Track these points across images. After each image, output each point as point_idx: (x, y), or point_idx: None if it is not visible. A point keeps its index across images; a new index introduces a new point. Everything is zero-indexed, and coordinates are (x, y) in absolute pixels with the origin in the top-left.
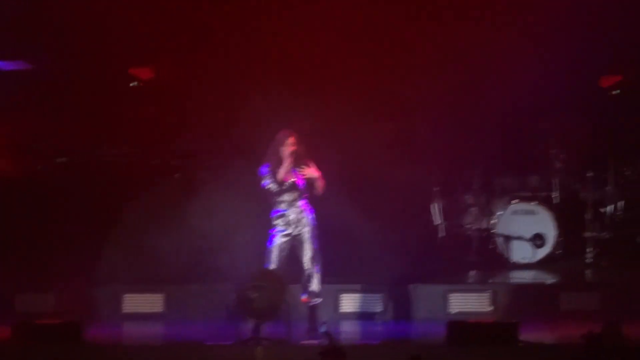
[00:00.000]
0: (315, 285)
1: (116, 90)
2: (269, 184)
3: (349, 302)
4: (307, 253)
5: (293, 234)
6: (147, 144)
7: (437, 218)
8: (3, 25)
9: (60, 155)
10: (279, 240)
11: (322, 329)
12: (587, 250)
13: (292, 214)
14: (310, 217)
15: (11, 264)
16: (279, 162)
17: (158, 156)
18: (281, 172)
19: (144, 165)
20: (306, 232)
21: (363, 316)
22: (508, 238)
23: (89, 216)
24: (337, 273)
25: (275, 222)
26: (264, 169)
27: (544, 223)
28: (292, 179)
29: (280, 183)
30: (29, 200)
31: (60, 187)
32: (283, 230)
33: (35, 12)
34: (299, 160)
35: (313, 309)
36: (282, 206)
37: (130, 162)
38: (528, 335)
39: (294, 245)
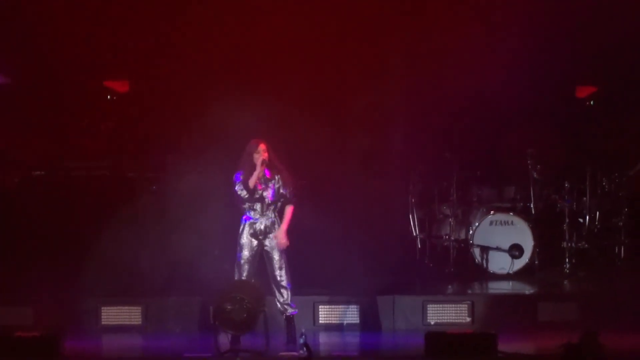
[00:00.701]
0: (285, 295)
1: (92, 103)
2: (239, 191)
3: (327, 314)
4: (277, 264)
5: (263, 243)
6: (123, 156)
7: (415, 229)
8: None
9: (37, 168)
10: (248, 249)
11: (301, 341)
12: (565, 260)
13: (262, 224)
14: (280, 227)
15: None
16: (251, 170)
17: (134, 169)
18: (252, 180)
19: (120, 178)
20: (276, 244)
21: (341, 327)
22: (486, 249)
23: (67, 229)
24: (314, 284)
25: (244, 230)
26: (237, 176)
27: (522, 234)
28: (264, 191)
29: (252, 190)
30: (5, 213)
31: (37, 200)
32: (252, 239)
33: (10, 26)
34: (271, 168)
35: (290, 320)
36: (253, 214)
37: (107, 175)
38: (506, 346)
39: (263, 256)
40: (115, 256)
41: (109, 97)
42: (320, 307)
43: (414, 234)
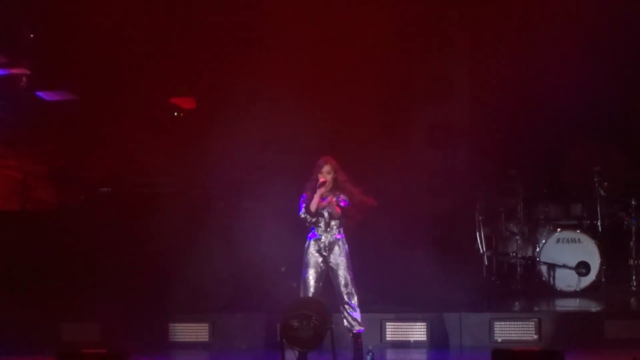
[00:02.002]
0: (353, 313)
1: (158, 119)
2: (303, 214)
3: (394, 331)
4: (343, 282)
5: (328, 260)
6: (189, 173)
7: (482, 246)
8: (47, 56)
9: (103, 185)
10: (313, 266)
11: (368, 358)
12: (632, 278)
13: (326, 240)
14: (345, 246)
15: (57, 293)
16: (314, 191)
17: (199, 186)
18: (313, 204)
19: (187, 195)
20: (342, 261)
21: (408, 344)
22: (552, 266)
23: (134, 246)
24: (382, 301)
25: (309, 247)
26: (303, 197)
27: (589, 251)
28: (328, 207)
29: (314, 213)
30: (74, 230)
31: (104, 217)
32: (318, 256)
33: (77, 43)
34: (338, 187)
35: (357, 337)
36: (318, 231)
37: (172, 192)
38: None
39: (329, 273)
40: (183, 273)
41: (175, 113)
42: (387, 324)
43: (481, 251)
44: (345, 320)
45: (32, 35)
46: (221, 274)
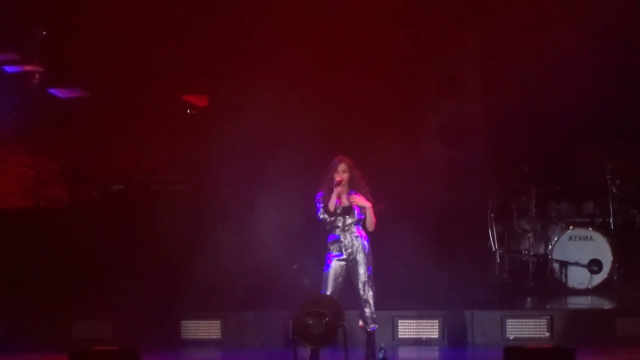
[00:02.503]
0: (370, 311)
1: (171, 117)
2: (321, 214)
3: (406, 328)
4: (362, 278)
5: (348, 259)
6: (202, 171)
7: (494, 244)
8: (59, 54)
9: (116, 183)
10: (334, 265)
11: (380, 355)
12: None
13: (346, 239)
14: (364, 242)
15: (69, 291)
16: (330, 190)
17: (212, 183)
18: (331, 203)
19: (199, 192)
20: (360, 257)
21: (420, 342)
22: (565, 264)
23: (145, 243)
24: (394, 299)
25: (330, 247)
26: (318, 199)
27: (601, 249)
28: (346, 204)
29: (332, 212)
30: (85, 228)
31: (116, 214)
32: (338, 255)
33: (91, 42)
34: (354, 186)
35: (370, 335)
36: (337, 232)
37: (185, 190)
38: None
39: (348, 270)
40: (195, 270)
41: (188, 111)
42: (399, 321)
43: (493, 248)
44: (360, 318)
45: (44, 33)
46: (233, 271)
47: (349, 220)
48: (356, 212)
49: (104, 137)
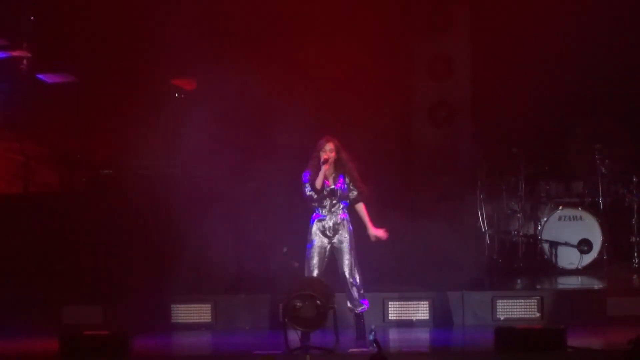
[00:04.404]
0: (356, 293)
1: (160, 101)
2: (308, 191)
3: (397, 310)
4: (347, 262)
5: (332, 241)
6: (191, 155)
7: (483, 225)
8: (48, 39)
9: (105, 167)
10: (318, 247)
11: (370, 337)
12: (634, 255)
13: (330, 220)
14: (349, 225)
15: (58, 276)
16: (318, 168)
17: (202, 167)
18: (318, 180)
19: (188, 177)
20: (345, 240)
21: (411, 323)
22: (554, 244)
23: (136, 228)
24: (384, 281)
25: (313, 228)
26: (305, 176)
27: (590, 228)
28: (332, 185)
29: (319, 190)
30: (75, 213)
31: (106, 199)
32: (322, 237)
33: (78, 26)
34: (340, 167)
35: (359, 317)
36: (322, 211)
37: (174, 174)
38: (575, 340)
39: (333, 253)
40: (185, 254)
41: (176, 95)
42: (389, 303)
43: (483, 229)
44: (348, 300)
45: (32, 18)
46: (224, 254)
47: (335, 202)
48: (341, 192)
49: (93, 122)
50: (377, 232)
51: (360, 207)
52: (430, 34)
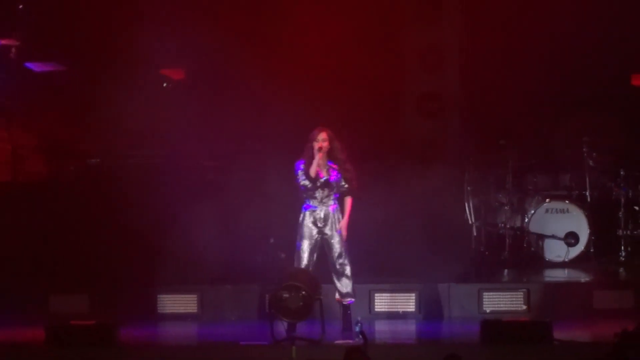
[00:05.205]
0: (346, 284)
1: (148, 91)
2: (302, 180)
3: (383, 302)
4: (337, 252)
5: (323, 231)
6: (180, 144)
7: (471, 217)
8: (36, 27)
9: (93, 157)
10: (308, 238)
11: (357, 329)
12: (621, 248)
13: (322, 211)
14: (339, 216)
15: (45, 265)
16: (312, 158)
17: (190, 157)
18: (312, 169)
19: (176, 166)
20: (336, 231)
21: (397, 315)
22: (541, 237)
23: (123, 217)
24: (371, 272)
25: (305, 219)
26: (299, 166)
27: (577, 221)
28: (326, 176)
29: (313, 180)
30: (62, 202)
31: (93, 188)
32: (313, 228)
33: (67, 14)
34: (333, 157)
35: (346, 308)
36: (313, 202)
37: (162, 163)
38: (562, 333)
39: (323, 244)
40: (172, 244)
41: (164, 84)
42: (376, 295)
43: (470, 222)
44: (337, 292)
45: (21, 6)
46: (211, 245)
47: (327, 194)
48: (333, 183)
49: (82, 111)
50: (343, 229)
51: (347, 201)
52: (420, 24)
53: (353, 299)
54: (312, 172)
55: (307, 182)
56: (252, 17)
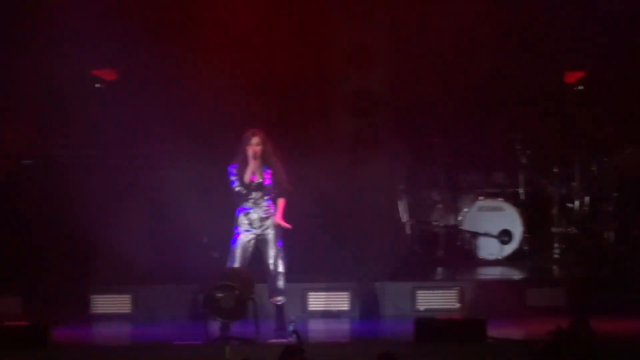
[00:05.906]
0: (281, 284)
1: (80, 91)
2: (236, 184)
3: (317, 301)
4: (272, 253)
5: (257, 233)
6: (110, 145)
7: (404, 215)
8: None
9: (25, 158)
10: (242, 239)
11: (290, 328)
12: (554, 245)
13: (256, 213)
14: (274, 217)
15: None
16: (245, 162)
17: (121, 157)
18: (246, 175)
19: (107, 166)
20: (271, 231)
21: (331, 314)
22: (475, 234)
23: (55, 218)
24: (304, 271)
25: (239, 221)
26: (232, 169)
27: (511, 219)
28: (259, 179)
29: (247, 183)
30: None
31: (25, 190)
32: (247, 230)
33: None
34: (266, 160)
35: (280, 308)
36: (247, 205)
37: (94, 163)
38: (496, 331)
39: (258, 244)
40: (104, 245)
41: (96, 85)
42: (309, 294)
43: (403, 220)
44: (269, 291)
45: None
46: (144, 245)
47: (260, 195)
48: (267, 185)
49: (12, 112)
50: (280, 220)
51: (279, 203)
52: (349, 23)
53: (284, 299)
54: (247, 178)
55: (241, 189)
56: (181, 22)
